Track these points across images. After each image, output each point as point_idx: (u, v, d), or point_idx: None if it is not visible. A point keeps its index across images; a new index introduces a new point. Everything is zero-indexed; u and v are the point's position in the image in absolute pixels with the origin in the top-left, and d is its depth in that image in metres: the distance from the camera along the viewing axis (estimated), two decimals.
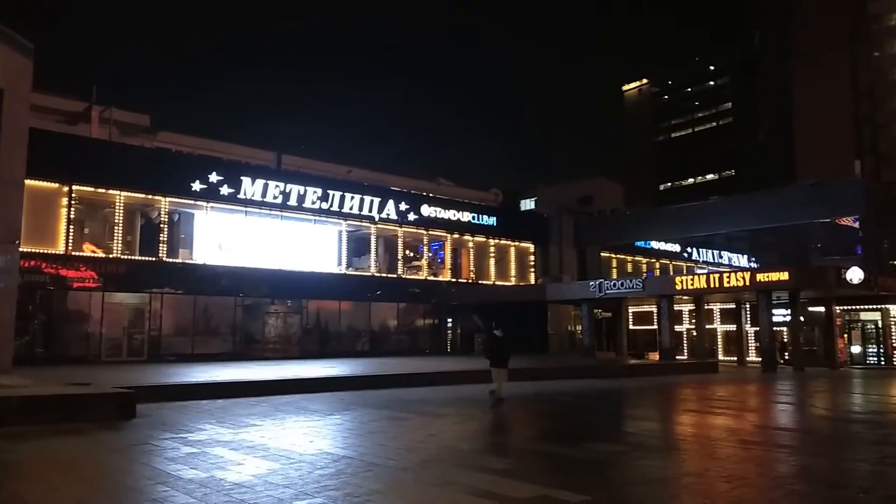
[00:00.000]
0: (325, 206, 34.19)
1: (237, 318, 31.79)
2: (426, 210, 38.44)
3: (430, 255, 39.89)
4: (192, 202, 30.32)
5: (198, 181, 30.05)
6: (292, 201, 33.02)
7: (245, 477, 7.70)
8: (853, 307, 34.15)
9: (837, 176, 38.75)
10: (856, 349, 34.92)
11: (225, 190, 30.77)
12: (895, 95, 68.15)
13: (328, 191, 34.36)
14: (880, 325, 34.24)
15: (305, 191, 33.52)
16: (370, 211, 35.96)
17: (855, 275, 28.86)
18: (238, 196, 31.23)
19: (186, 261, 30.21)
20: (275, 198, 32.43)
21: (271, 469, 8.14)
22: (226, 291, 30.59)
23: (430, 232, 38.94)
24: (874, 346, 34.46)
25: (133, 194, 28.85)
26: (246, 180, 31.50)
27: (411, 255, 39.39)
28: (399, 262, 37.45)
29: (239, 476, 7.75)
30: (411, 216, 37.61)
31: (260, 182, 31.94)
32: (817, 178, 38.82)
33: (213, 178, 30.48)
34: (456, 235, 40.15)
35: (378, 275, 36.38)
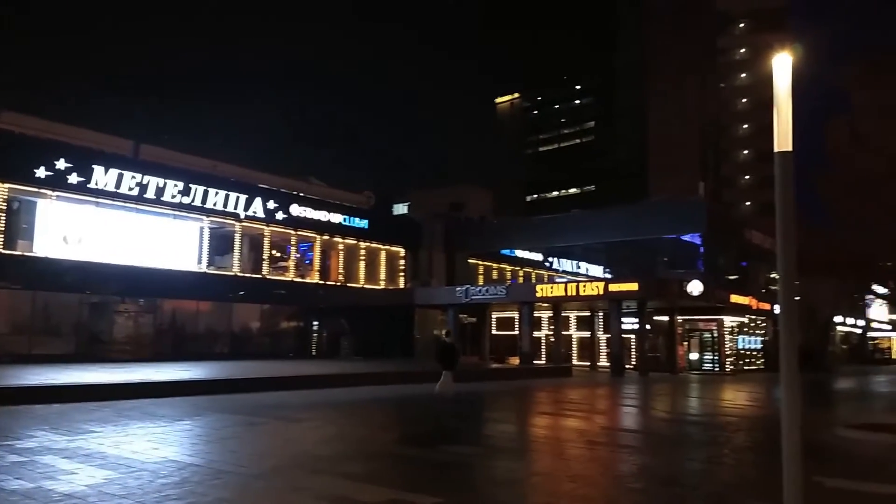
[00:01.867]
0: (186, 200, 32.53)
1: (82, 317, 29.50)
2: (296, 210, 37.59)
3: (298, 255, 39.02)
4: (36, 190, 27.83)
5: (43, 167, 27.64)
6: (150, 194, 31.15)
7: (77, 487, 7.13)
8: (693, 317, 37.06)
9: (683, 196, 42.02)
10: (694, 356, 37.93)
11: (74, 178, 28.50)
12: (737, 124, 74.92)
13: (190, 185, 32.73)
14: (716, 335, 37.42)
15: (165, 183, 31.74)
16: (236, 208, 34.64)
17: (695, 287, 31.38)
18: (89, 185, 29.02)
19: (26, 253, 27.64)
20: (130, 189, 30.45)
21: (108, 478, 7.58)
22: (71, 287, 28.26)
23: (299, 232, 38.10)
24: (710, 353, 37.60)
25: None
26: (98, 169, 29.35)
27: (278, 255, 38.33)
28: (265, 262, 36.33)
29: (70, 486, 7.16)
30: (280, 215, 36.62)
31: (114, 172, 29.87)
32: (666, 196, 41.87)
33: (61, 164, 28.16)
34: (326, 237, 39.56)
35: (242, 274, 35.09)
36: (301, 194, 39.36)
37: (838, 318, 54.97)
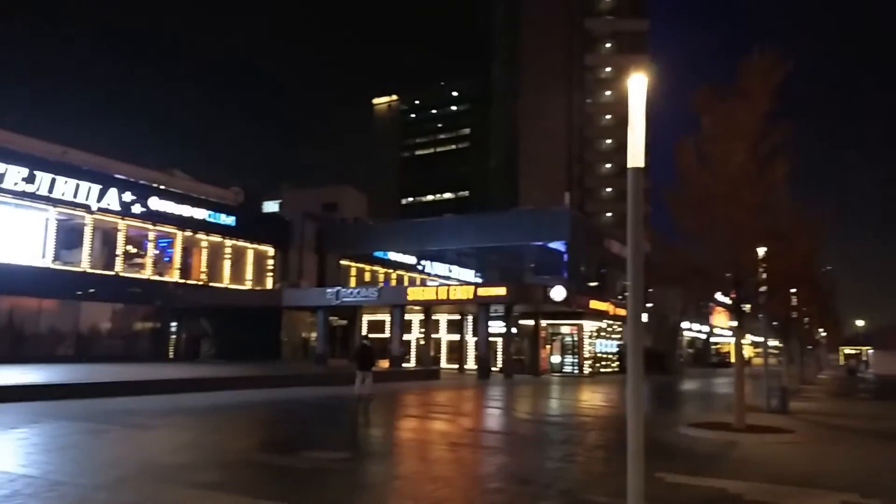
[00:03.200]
0: (30, 188, 29.90)
1: None
2: (156, 203, 35.55)
3: (157, 252, 36.92)
4: None
5: None
6: None
7: None
8: (556, 321, 38.69)
9: (550, 205, 43.79)
10: (555, 359, 39.59)
11: None
12: (601, 139, 79.10)
13: (36, 171, 30.12)
14: (576, 338, 39.26)
15: (7, 169, 29.04)
16: (87, 199, 32.23)
17: (558, 293, 32.78)
18: None
19: None
20: None
21: None
22: None
23: (159, 227, 36.06)
24: (570, 356, 39.40)
25: None
26: None
27: (134, 250, 36.06)
28: (118, 258, 34.04)
29: None
30: (137, 208, 34.48)
31: None
32: (534, 205, 43.51)
33: None
34: (189, 233, 37.70)
35: (92, 271, 32.70)
36: (162, 187, 37.31)
37: (685, 324, 59.40)
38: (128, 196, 34.06)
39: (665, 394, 28.19)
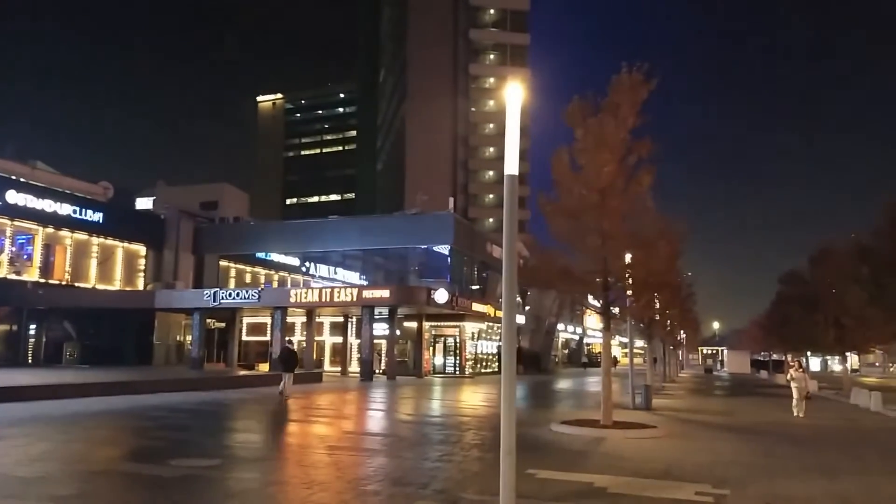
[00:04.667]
0: None
1: None
2: (13, 197, 32.93)
3: (14, 249, 34.11)
4: None
5: None
6: None
7: None
8: (439, 323, 39.22)
9: (435, 209, 44.38)
10: (438, 360, 40.12)
11: None
12: (484, 147, 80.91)
13: None
14: (458, 340, 39.97)
15: None
16: None
17: (441, 296, 33.26)
18: None
19: None
20: None
21: None
22: None
23: (17, 223, 33.39)
24: (453, 357, 40.05)
25: None
26: None
27: None
28: None
29: None
30: None
31: None
32: (419, 209, 43.92)
33: None
34: (51, 230, 35.13)
35: None
36: (22, 179, 34.52)
37: (560, 326, 61.88)
38: None
39: (539, 392, 29.27)
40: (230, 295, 34.75)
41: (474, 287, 43.41)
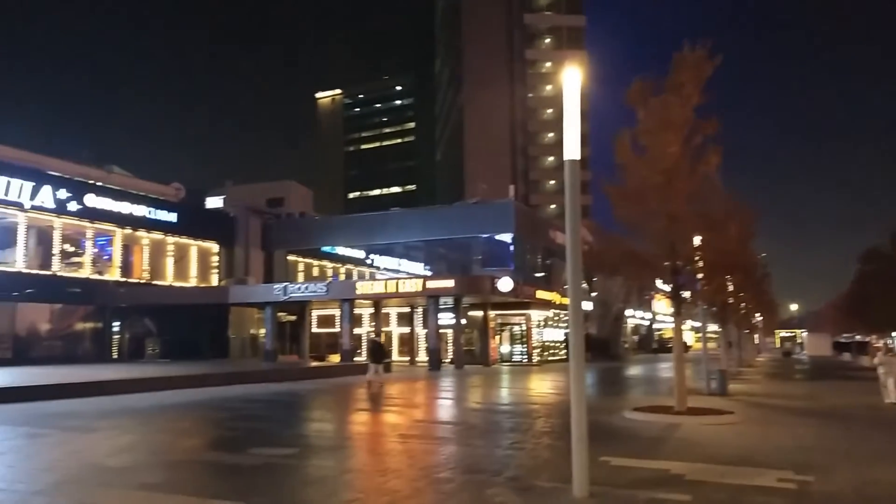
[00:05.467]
0: None
1: None
2: (92, 200, 34.47)
3: (96, 251, 35.81)
4: None
5: None
6: None
7: None
8: (504, 312, 39.14)
9: (495, 198, 44.24)
10: (505, 349, 40.06)
11: None
12: (544, 133, 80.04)
13: None
14: (524, 328, 39.80)
15: None
16: (19, 196, 31.02)
17: (505, 284, 33.17)
18: None
19: None
20: None
21: None
22: None
23: (97, 225, 35.00)
24: (520, 345, 39.93)
25: None
26: None
27: (72, 249, 34.91)
28: (55, 258, 32.89)
29: None
30: (73, 206, 33.37)
31: None
32: (479, 198, 43.87)
33: None
34: (128, 231, 36.69)
35: (27, 271, 31.55)
36: (99, 184, 36.16)
37: (629, 312, 60.83)
38: (62, 193, 32.91)
39: (609, 379, 28.88)
40: (299, 289, 35.57)
41: (538, 275, 43.12)
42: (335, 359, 37.01)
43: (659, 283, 18.85)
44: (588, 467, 6.96)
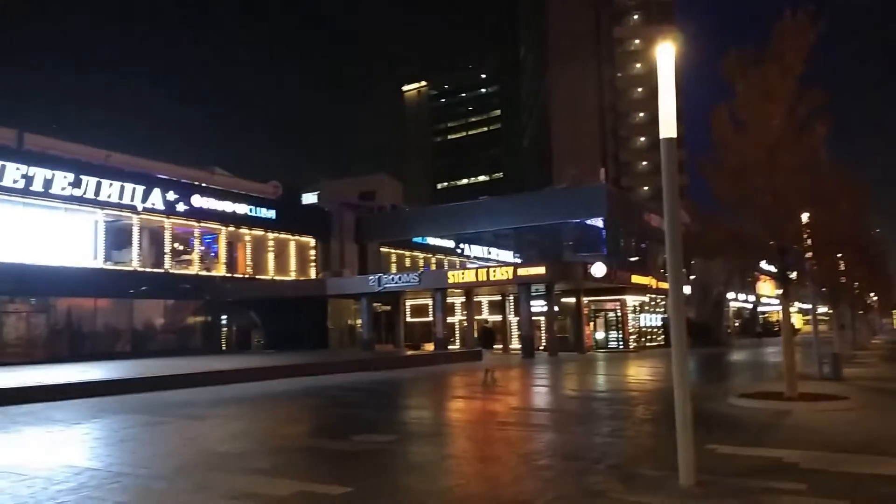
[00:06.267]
0: (77, 192, 30.81)
1: None
2: (198, 201, 36.30)
3: (203, 248, 37.77)
4: None
5: None
6: (37, 186, 29.32)
7: None
8: (598, 298, 38.43)
9: (585, 181, 43.39)
10: (600, 335, 39.36)
11: None
12: (634, 112, 77.82)
13: (81, 176, 31.01)
14: (619, 314, 38.95)
15: (54, 175, 29.94)
16: (132, 200, 33.09)
17: (598, 270, 32.52)
18: None
19: None
20: (15, 182, 28.55)
21: None
22: None
23: (203, 224, 36.85)
24: (615, 331, 39.12)
25: None
26: None
27: (181, 248, 36.97)
28: (167, 256, 34.95)
29: None
30: (181, 207, 35.28)
31: None
32: (569, 183, 43.13)
33: None
34: (232, 228, 38.44)
35: (142, 269, 33.65)
36: (203, 185, 38.06)
37: (730, 295, 58.37)
38: (171, 195, 34.86)
39: (713, 365, 27.85)
40: (392, 279, 36.22)
41: (633, 259, 42.06)
42: (429, 347, 37.49)
43: (763, 264, 17.99)
44: (694, 455, 6.74)
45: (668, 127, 6.30)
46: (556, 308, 35.88)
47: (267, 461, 8.78)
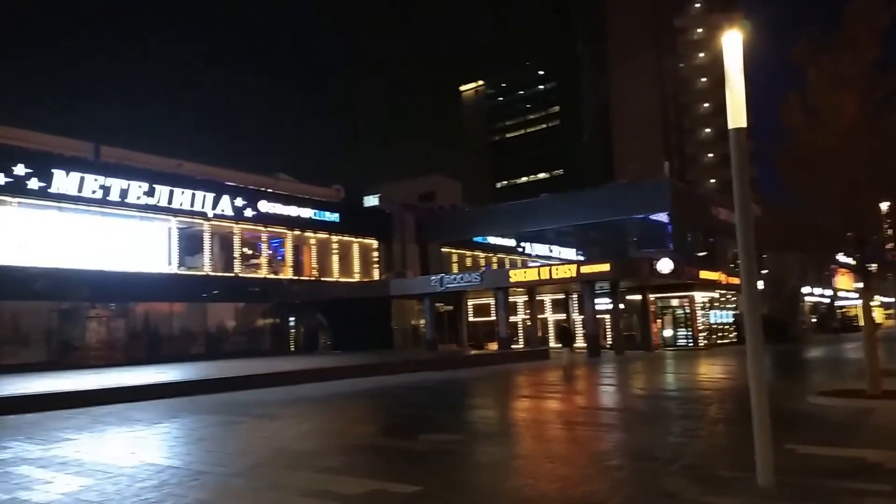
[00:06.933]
0: (151, 201, 32.06)
1: (52, 324, 29.03)
2: (265, 206, 37.26)
3: (270, 252, 38.75)
4: None
5: (1, 174, 27.02)
6: (114, 196, 30.65)
7: (53, 496, 7.07)
8: (665, 295, 37.59)
9: (648, 176, 42.52)
10: (668, 333, 38.49)
11: (34, 184, 27.95)
12: (698, 103, 75.77)
13: (155, 185, 32.25)
14: (688, 311, 38.00)
15: (129, 185, 31.23)
16: (203, 207, 34.23)
17: (665, 266, 31.81)
18: (49, 190, 28.48)
19: None
20: (93, 192, 29.92)
21: (84, 486, 7.52)
22: (38, 295, 27.75)
23: (270, 229, 37.81)
24: (683, 329, 38.19)
25: None
26: (59, 173, 28.77)
27: (249, 252, 38.02)
28: (236, 261, 36.01)
29: (46, 496, 7.09)
30: (248, 212, 36.29)
31: (75, 175, 29.30)
32: (632, 177, 42.32)
33: (20, 170, 27.57)
34: (297, 232, 39.31)
35: (213, 274, 34.75)
36: (269, 190, 39.05)
37: (806, 289, 56.15)
38: (239, 201, 35.90)
39: (788, 362, 26.85)
40: (454, 279, 36.34)
41: (701, 254, 40.96)
42: (493, 347, 37.44)
43: (840, 256, 17.22)
44: (773, 455, 6.53)
45: (737, 117, 6.12)
46: (621, 306, 35.29)
47: (338, 460, 8.94)
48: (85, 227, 29.85)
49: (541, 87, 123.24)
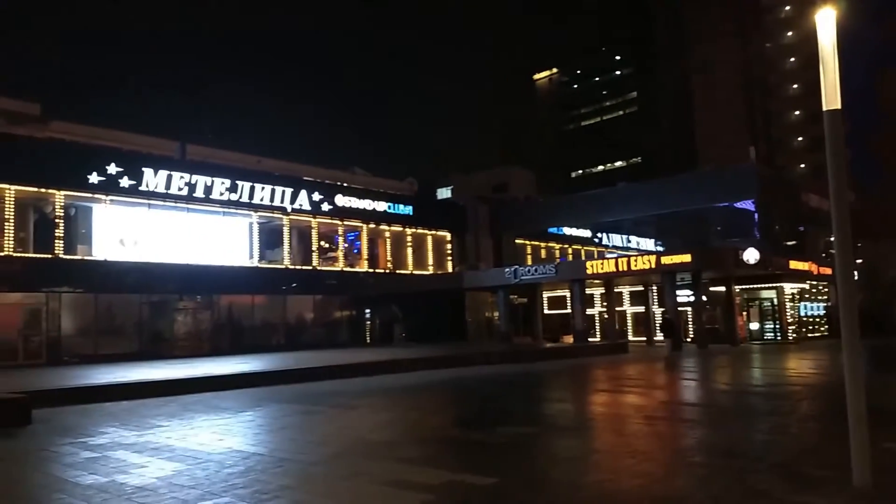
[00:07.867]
0: (234, 197, 33.21)
1: (143, 316, 30.57)
2: (341, 200, 37.98)
3: (346, 245, 39.50)
4: (90, 195, 28.84)
5: (95, 173, 28.58)
6: (199, 193, 31.92)
7: (148, 480, 7.40)
8: (751, 286, 36.12)
9: (734, 162, 40.89)
10: (754, 326, 36.99)
11: (125, 182, 29.42)
12: (786, 84, 72.31)
13: (237, 181, 33.39)
14: (776, 303, 36.40)
15: (213, 182, 32.46)
16: (282, 202, 35.22)
17: (751, 256, 30.52)
18: (140, 188, 29.93)
19: (86, 257, 28.73)
20: (180, 189, 31.26)
21: (176, 470, 7.86)
22: (130, 288, 29.31)
23: (346, 222, 38.53)
24: (771, 322, 36.61)
25: (24, 188, 27.19)
26: (148, 171, 30.20)
27: (327, 246, 38.87)
28: (314, 254, 36.90)
29: (141, 479, 7.44)
30: (325, 206, 37.09)
31: (163, 173, 30.69)
32: (715, 164, 40.80)
33: (112, 169, 29.07)
34: (372, 225, 39.90)
35: (292, 267, 35.73)
36: (345, 184, 39.78)
37: None
38: (317, 196, 36.74)
39: (885, 357, 25.33)
40: (528, 271, 36.05)
41: (790, 243, 39.15)
42: (568, 340, 36.95)
43: None
44: (870, 454, 6.14)
45: (831, 98, 5.76)
46: (704, 297, 34.14)
47: (415, 450, 9.01)
48: (172, 222, 31.23)
49: (617, 72, 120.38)
